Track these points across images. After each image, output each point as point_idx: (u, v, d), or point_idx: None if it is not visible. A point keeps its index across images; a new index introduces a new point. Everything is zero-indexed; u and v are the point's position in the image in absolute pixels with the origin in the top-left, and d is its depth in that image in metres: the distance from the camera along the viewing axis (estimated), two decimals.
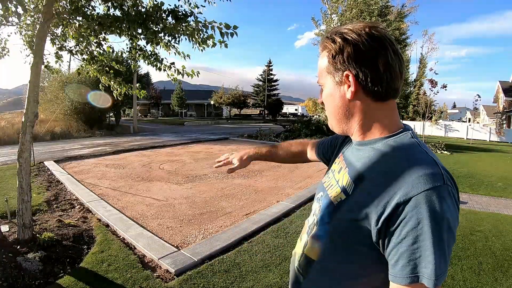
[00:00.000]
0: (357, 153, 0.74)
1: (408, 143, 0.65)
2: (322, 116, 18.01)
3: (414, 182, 0.56)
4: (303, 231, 0.86)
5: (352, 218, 0.64)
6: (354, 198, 0.66)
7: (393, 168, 0.61)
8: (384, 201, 0.58)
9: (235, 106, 41.91)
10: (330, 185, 0.78)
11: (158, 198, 4.85)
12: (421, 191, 0.55)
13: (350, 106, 0.70)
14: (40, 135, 12.93)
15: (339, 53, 0.67)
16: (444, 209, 0.54)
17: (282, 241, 3.27)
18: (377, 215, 0.59)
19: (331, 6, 13.71)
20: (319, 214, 0.76)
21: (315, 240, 0.74)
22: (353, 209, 0.64)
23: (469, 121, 36.24)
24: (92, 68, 3.75)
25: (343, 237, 0.67)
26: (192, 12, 3.04)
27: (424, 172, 0.57)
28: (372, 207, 0.60)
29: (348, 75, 0.66)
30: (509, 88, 25.77)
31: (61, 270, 2.63)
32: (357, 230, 0.63)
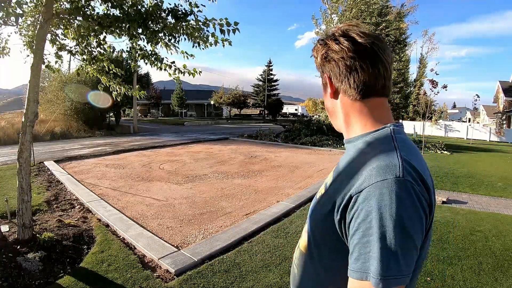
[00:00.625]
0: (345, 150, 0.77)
1: (382, 138, 0.65)
2: (322, 116, 18.01)
3: (367, 174, 0.57)
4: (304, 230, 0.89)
5: (324, 210, 0.66)
6: (328, 192, 0.69)
7: (358, 162, 0.64)
8: (343, 193, 0.60)
9: (235, 106, 41.90)
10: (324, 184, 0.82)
11: (158, 198, 4.85)
12: (371, 183, 0.54)
13: (335, 105, 0.74)
14: (40, 135, 12.93)
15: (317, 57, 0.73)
16: (394, 205, 0.51)
17: (282, 241, 3.27)
18: (337, 205, 0.61)
19: (331, 6, 13.71)
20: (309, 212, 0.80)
21: (305, 233, 0.77)
22: (325, 202, 0.67)
23: (469, 121, 36.24)
24: (92, 68, 3.74)
25: (319, 229, 0.70)
26: (192, 11, 3.04)
27: (378, 164, 0.57)
28: (336, 199, 0.62)
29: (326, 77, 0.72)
30: (509, 88, 25.77)
31: (61, 270, 2.63)
32: (328, 222, 0.64)
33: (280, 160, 8.48)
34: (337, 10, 13.71)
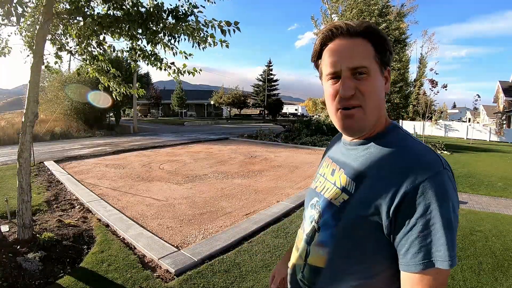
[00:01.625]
0: (351, 152, 0.74)
1: (403, 137, 0.68)
2: (322, 116, 18.01)
3: (418, 170, 0.58)
4: (298, 241, 0.83)
5: (361, 216, 0.63)
6: (359, 195, 0.65)
7: (395, 159, 0.63)
8: (392, 193, 0.59)
9: (235, 106, 41.90)
10: (325, 188, 0.77)
11: (158, 198, 4.85)
12: (426, 178, 0.57)
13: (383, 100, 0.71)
14: (40, 135, 12.93)
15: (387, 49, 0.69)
16: (448, 193, 0.57)
17: (282, 241, 3.27)
18: (386, 207, 0.59)
19: (331, 6, 13.72)
20: (320, 220, 0.73)
21: (320, 247, 0.71)
22: (360, 207, 0.64)
23: (469, 121, 36.26)
24: (91, 68, 3.75)
25: (352, 237, 0.65)
26: (192, 12, 3.04)
27: (426, 160, 0.60)
28: (381, 201, 0.60)
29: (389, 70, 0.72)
30: (509, 88, 25.77)
31: (61, 270, 2.63)
32: (367, 227, 0.63)
33: (280, 160, 8.48)
34: (337, 10, 13.72)
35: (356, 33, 0.67)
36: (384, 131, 0.71)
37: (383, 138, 0.69)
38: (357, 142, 0.73)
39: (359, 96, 0.66)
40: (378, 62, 0.68)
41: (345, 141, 0.78)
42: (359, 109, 0.66)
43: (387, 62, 0.70)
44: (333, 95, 0.69)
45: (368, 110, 0.67)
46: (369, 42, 0.67)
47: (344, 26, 0.67)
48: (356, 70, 0.65)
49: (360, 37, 0.67)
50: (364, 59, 0.66)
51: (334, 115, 0.70)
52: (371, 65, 0.66)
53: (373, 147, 0.69)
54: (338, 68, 0.66)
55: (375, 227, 0.62)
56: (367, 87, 0.66)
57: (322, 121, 15.68)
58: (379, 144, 0.68)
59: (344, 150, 0.78)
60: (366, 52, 0.66)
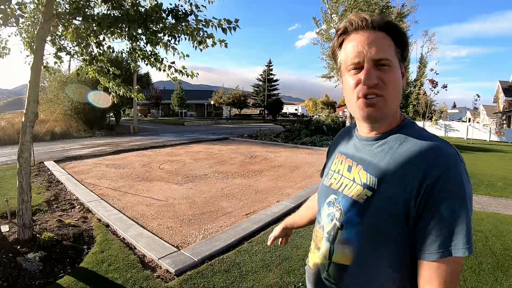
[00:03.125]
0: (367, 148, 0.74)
1: (419, 131, 0.70)
2: (322, 116, 18.01)
3: (439, 162, 0.61)
4: (317, 240, 0.81)
5: (387, 211, 0.64)
6: (383, 191, 0.66)
7: (416, 153, 0.64)
8: (416, 185, 0.61)
9: (235, 106, 41.90)
10: (343, 185, 0.76)
11: (158, 198, 4.85)
12: (445, 169, 0.59)
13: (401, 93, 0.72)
14: (40, 135, 12.93)
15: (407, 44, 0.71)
16: (465, 183, 0.60)
17: None
18: (413, 200, 0.61)
19: (331, 6, 13.71)
20: (342, 217, 0.73)
21: (345, 245, 0.71)
22: (386, 202, 0.65)
23: (469, 121, 36.25)
24: (91, 68, 3.74)
25: (379, 233, 0.66)
26: (192, 11, 3.04)
27: (445, 152, 0.63)
28: (406, 194, 0.62)
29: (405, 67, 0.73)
30: (509, 88, 25.77)
31: (61, 270, 2.63)
32: (393, 222, 0.63)
33: (280, 160, 8.48)
34: (337, 10, 13.71)
35: (379, 27, 0.68)
36: (401, 125, 0.72)
37: (400, 132, 0.70)
38: (374, 137, 0.73)
39: (382, 86, 0.66)
40: (398, 56, 0.69)
41: (360, 136, 0.78)
42: (381, 98, 0.67)
43: (405, 58, 0.71)
44: (354, 85, 0.69)
45: (389, 100, 0.68)
46: (390, 37, 0.69)
47: (368, 18, 0.69)
48: (380, 61, 0.66)
49: (381, 31, 0.69)
50: (387, 52, 0.67)
51: (355, 104, 0.70)
52: (392, 58, 0.68)
53: (391, 141, 0.70)
54: (361, 58, 0.67)
55: (401, 222, 0.63)
56: (390, 77, 0.67)
57: (322, 121, 15.68)
58: (397, 138, 0.69)
59: (359, 146, 0.77)
60: (388, 46, 0.68)
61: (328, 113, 21.18)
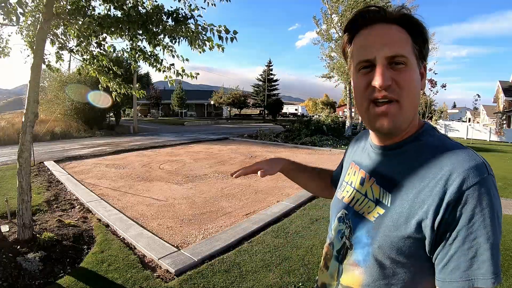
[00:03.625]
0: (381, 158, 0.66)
1: (440, 138, 0.61)
2: (322, 116, 18.01)
3: (462, 176, 0.51)
4: (327, 258, 0.75)
5: (400, 232, 0.56)
6: (397, 209, 0.58)
7: (435, 168, 0.55)
8: (435, 204, 0.52)
9: (235, 106, 41.92)
10: (355, 200, 0.69)
11: (158, 198, 4.85)
12: (470, 185, 0.50)
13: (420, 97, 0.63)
14: (40, 135, 12.92)
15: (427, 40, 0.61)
16: (493, 201, 0.51)
17: (282, 241, 3.27)
18: (431, 221, 0.52)
19: (331, 6, 13.72)
20: (352, 236, 0.65)
21: (354, 267, 0.64)
22: (399, 222, 0.57)
23: (469, 121, 36.27)
24: (92, 68, 3.75)
25: (391, 255, 0.57)
26: (192, 15, 3.05)
27: (469, 165, 0.52)
28: (422, 214, 0.54)
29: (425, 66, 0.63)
30: (509, 88, 25.78)
31: (61, 270, 2.63)
32: (407, 244, 0.56)
33: None
34: (337, 10, 13.72)
35: (394, 20, 0.59)
36: (420, 132, 0.63)
37: (419, 140, 0.62)
38: (389, 146, 0.65)
39: (395, 89, 0.57)
40: (416, 54, 0.60)
41: (374, 144, 0.69)
42: (394, 104, 0.58)
43: (425, 55, 0.62)
44: (364, 87, 0.60)
45: (405, 105, 0.58)
46: (407, 31, 0.59)
47: (380, 10, 0.60)
48: (394, 59, 0.57)
49: (397, 24, 0.59)
50: (402, 48, 0.58)
51: (365, 112, 0.61)
52: (409, 55, 0.58)
53: (408, 151, 0.61)
54: (372, 56, 0.58)
55: (417, 245, 0.55)
56: (405, 78, 0.57)
57: (322, 121, 15.68)
58: (415, 147, 0.61)
59: (373, 155, 0.69)
60: (404, 41, 0.59)
61: (328, 113, 21.20)
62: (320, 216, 3.97)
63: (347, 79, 14.42)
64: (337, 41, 14.19)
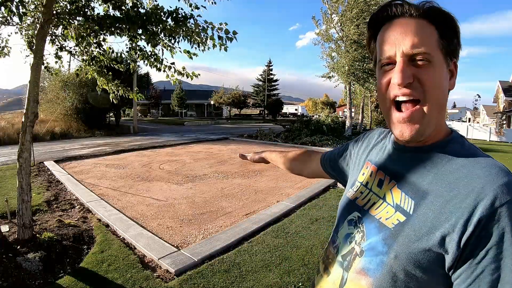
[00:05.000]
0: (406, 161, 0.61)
1: (470, 148, 0.58)
2: (322, 116, 18.01)
3: (495, 192, 0.47)
4: (328, 263, 0.69)
5: (420, 244, 0.52)
6: (419, 218, 0.53)
7: (466, 179, 0.51)
8: (464, 218, 0.48)
9: (235, 106, 41.94)
10: (371, 202, 0.64)
11: (158, 198, 4.85)
12: (504, 202, 0.46)
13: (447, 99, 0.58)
14: (40, 135, 12.93)
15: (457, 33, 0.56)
16: None
17: (282, 241, 3.27)
18: (458, 236, 0.48)
19: (331, 6, 13.71)
20: (364, 242, 0.60)
21: (362, 276, 0.58)
22: (421, 232, 0.52)
23: (469, 121, 36.27)
24: (91, 69, 3.75)
25: (407, 267, 0.53)
26: (191, 15, 3.04)
27: (504, 181, 0.48)
28: (449, 227, 0.49)
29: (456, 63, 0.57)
30: (509, 88, 25.78)
31: (61, 270, 2.64)
32: (426, 258, 0.51)
33: None
34: (337, 10, 13.71)
35: (418, 14, 0.56)
36: (448, 139, 0.58)
37: (447, 147, 0.57)
38: (414, 147, 0.60)
39: (418, 87, 0.53)
40: (443, 50, 0.55)
41: (396, 143, 0.65)
42: (418, 109, 0.54)
43: (454, 52, 0.56)
44: (385, 85, 0.57)
45: (430, 107, 0.54)
46: (433, 26, 0.55)
47: (404, 4, 0.56)
48: (415, 56, 0.53)
49: (422, 18, 0.55)
50: (425, 43, 0.53)
51: (386, 114, 0.59)
52: (433, 51, 0.53)
53: (436, 158, 0.57)
54: (392, 52, 0.55)
55: (436, 260, 0.50)
56: (429, 76, 0.53)
57: (322, 121, 15.67)
58: (444, 154, 0.56)
59: (394, 156, 0.65)
60: (428, 36, 0.54)
61: (328, 113, 21.20)
62: (320, 216, 3.97)
63: (347, 79, 14.41)
64: (337, 41, 14.19)
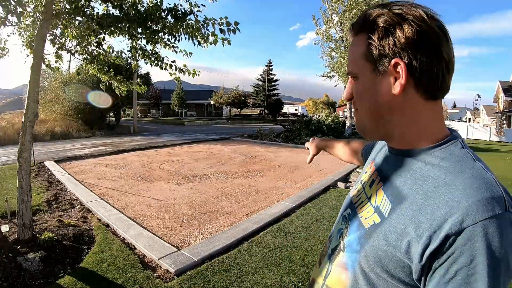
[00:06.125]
0: (394, 164, 0.60)
1: (460, 155, 0.53)
2: (322, 116, 18.01)
3: (470, 208, 0.44)
4: (322, 255, 0.72)
5: (388, 248, 0.51)
6: (391, 223, 0.53)
7: (443, 188, 0.49)
8: (430, 231, 0.46)
9: (235, 106, 41.96)
10: (360, 201, 0.66)
11: (158, 198, 4.85)
12: (478, 221, 0.43)
13: (393, 103, 0.55)
14: (40, 135, 12.93)
15: (388, 35, 0.52)
16: (504, 244, 0.43)
17: (282, 241, 3.27)
18: (421, 248, 0.47)
19: (331, 6, 13.71)
20: (346, 238, 0.63)
21: (341, 270, 0.61)
22: (390, 237, 0.52)
23: (469, 121, 36.26)
24: (92, 67, 3.75)
25: (376, 269, 0.53)
26: (191, 11, 3.04)
27: (483, 196, 0.45)
28: (415, 237, 0.48)
29: (398, 64, 0.52)
30: (509, 88, 25.77)
31: (61, 270, 2.63)
32: (393, 263, 0.51)
33: (280, 160, 8.48)
34: (337, 10, 13.71)
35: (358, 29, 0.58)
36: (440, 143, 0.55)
37: (435, 152, 0.55)
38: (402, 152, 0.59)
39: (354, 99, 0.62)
40: (370, 58, 0.55)
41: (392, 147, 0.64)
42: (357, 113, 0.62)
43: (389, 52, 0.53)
44: None
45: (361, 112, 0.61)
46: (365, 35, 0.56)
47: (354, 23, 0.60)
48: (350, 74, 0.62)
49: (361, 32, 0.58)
50: (352, 64, 0.60)
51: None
52: (358, 67, 0.58)
53: (418, 163, 0.55)
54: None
55: (401, 267, 0.50)
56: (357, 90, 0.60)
57: (322, 121, 15.67)
58: (427, 160, 0.55)
59: (388, 158, 0.65)
60: (355, 53, 0.58)
61: (328, 113, 21.20)
62: (320, 216, 3.97)
63: (346, 79, 14.43)
64: (337, 41, 14.19)
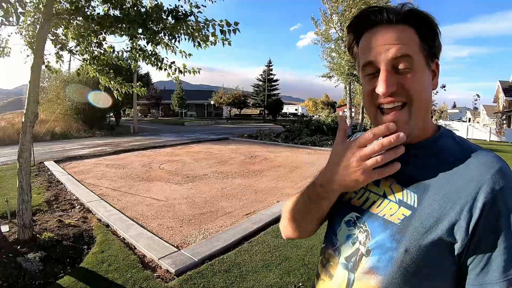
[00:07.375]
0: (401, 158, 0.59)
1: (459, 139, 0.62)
2: (322, 116, 18.00)
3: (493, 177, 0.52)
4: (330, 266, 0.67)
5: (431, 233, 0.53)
6: (425, 210, 0.55)
7: (462, 168, 0.55)
8: (469, 205, 0.51)
9: (235, 106, 41.94)
10: (370, 201, 0.64)
11: (158, 198, 4.85)
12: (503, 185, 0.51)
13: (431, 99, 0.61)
14: (40, 135, 12.93)
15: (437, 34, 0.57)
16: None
17: (282, 241, 3.27)
18: (465, 222, 0.51)
19: (331, 6, 13.71)
20: (370, 242, 0.60)
21: (371, 275, 0.58)
22: (428, 223, 0.54)
23: (469, 121, 36.25)
24: (92, 68, 3.75)
25: (418, 259, 0.54)
26: (192, 12, 3.04)
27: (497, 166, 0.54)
28: (455, 215, 0.52)
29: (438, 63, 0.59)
30: (509, 88, 25.77)
31: (61, 270, 2.63)
32: (437, 246, 0.53)
33: (280, 160, 8.48)
34: (337, 10, 13.71)
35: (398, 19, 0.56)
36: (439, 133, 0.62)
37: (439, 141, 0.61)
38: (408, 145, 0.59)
39: (402, 93, 0.55)
40: (425, 53, 0.56)
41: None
42: (403, 111, 0.56)
43: (435, 52, 0.58)
44: (370, 93, 0.59)
45: (416, 110, 0.56)
46: (413, 29, 0.56)
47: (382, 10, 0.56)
48: (398, 62, 0.55)
49: (402, 23, 0.56)
50: (406, 48, 0.54)
51: (373, 119, 0.61)
52: (415, 56, 0.55)
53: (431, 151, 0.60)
54: (375, 61, 0.56)
55: (446, 250, 0.53)
56: (413, 82, 0.55)
57: (322, 121, 15.68)
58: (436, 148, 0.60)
59: None
60: (408, 40, 0.55)
61: (328, 113, 21.21)
62: None
63: (346, 79, 14.41)
64: (337, 41, 14.19)
